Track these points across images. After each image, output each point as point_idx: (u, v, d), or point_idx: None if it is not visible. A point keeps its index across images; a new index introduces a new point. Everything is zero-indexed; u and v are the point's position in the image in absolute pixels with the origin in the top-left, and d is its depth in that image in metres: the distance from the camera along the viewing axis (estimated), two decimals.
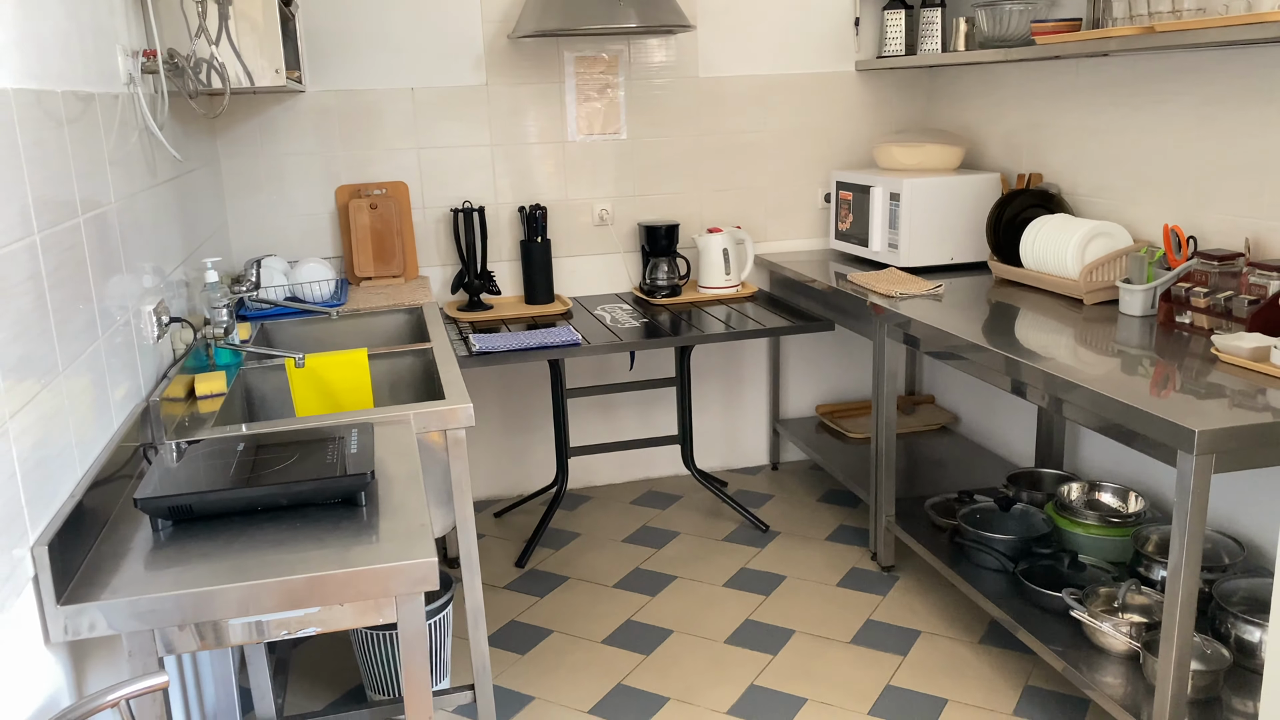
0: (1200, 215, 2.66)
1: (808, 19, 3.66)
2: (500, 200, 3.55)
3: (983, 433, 3.69)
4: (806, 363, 3.98)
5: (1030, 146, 3.31)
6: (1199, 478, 1.84)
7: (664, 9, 3.23)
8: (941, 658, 2.66)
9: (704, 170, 3.70)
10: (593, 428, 3.83)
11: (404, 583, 1.40)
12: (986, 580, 2.66)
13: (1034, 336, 2.47)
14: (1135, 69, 2.84)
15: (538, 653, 2.77)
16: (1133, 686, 2.20)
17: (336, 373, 2.45)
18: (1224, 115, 2.56)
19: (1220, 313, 2.40)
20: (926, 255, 3.27)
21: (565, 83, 3.53)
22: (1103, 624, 2.26)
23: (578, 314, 3.41)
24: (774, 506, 3.65)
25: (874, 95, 3.77)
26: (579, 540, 3.44)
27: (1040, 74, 3.23)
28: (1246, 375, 2.10)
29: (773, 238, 3.81)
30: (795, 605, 2.96)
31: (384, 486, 1.65)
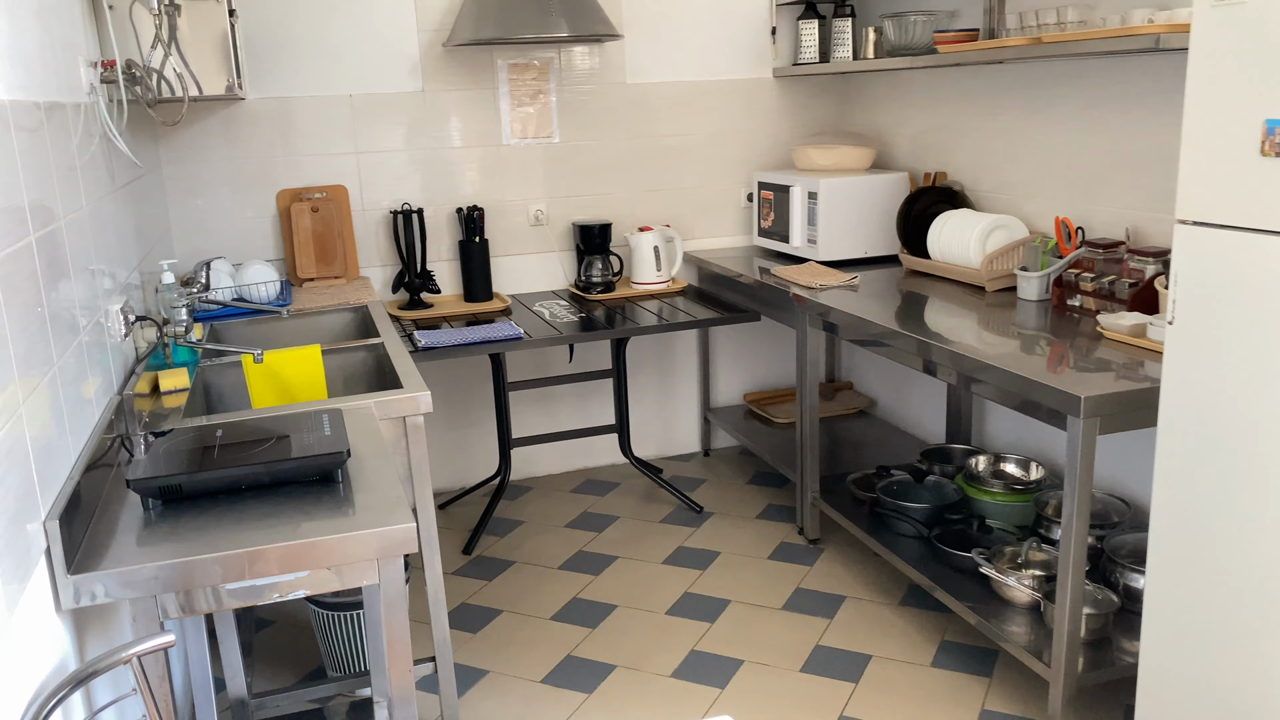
0: (1088, 208, 2.93)
1: (728, 28, 3.87)
2: (438, 202, 3.68)
3: (898, 414, 3.95)
4: (734, 354, 4.19)
5: (935, 147, 3.57)
6: (1086, 438, 2.08)
7: (593, 19, 3.40)
8: (865, 619, 2.88)
9: (634, 172, 3.88)
10: (533, 420, 3.98)
11: (386, 546, 1.55)
12: (904, 546, 2.89)
13: (942, 321, 2.70)
14: (1028, 75, 3.10)
15: (489, 631, 2.91)
16: (1035, 634, 2.44)
17: (292, 368, 2.56)
18: (1107, 117, 2.83)
19: (1105, 295, 2.67)
20: (843, 249, 3.50)
21: (499, 89, 3.67)
22: (1008, 578, 2.50)
23: (517, 310, 3.55)
24: (707, 489, 3.85)
25: (791, 100, 4.00)
26: (523, 527, 3.59)
27: (943, 80, 3.49)
28: (1127, 350, 2.35)
29: (700, 235, 4.01)
30: (730, 578, 3.15)
31: (355, 466, 1.79)
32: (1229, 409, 1.80)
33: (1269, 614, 1.78)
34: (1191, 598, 1.94)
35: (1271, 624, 1.78)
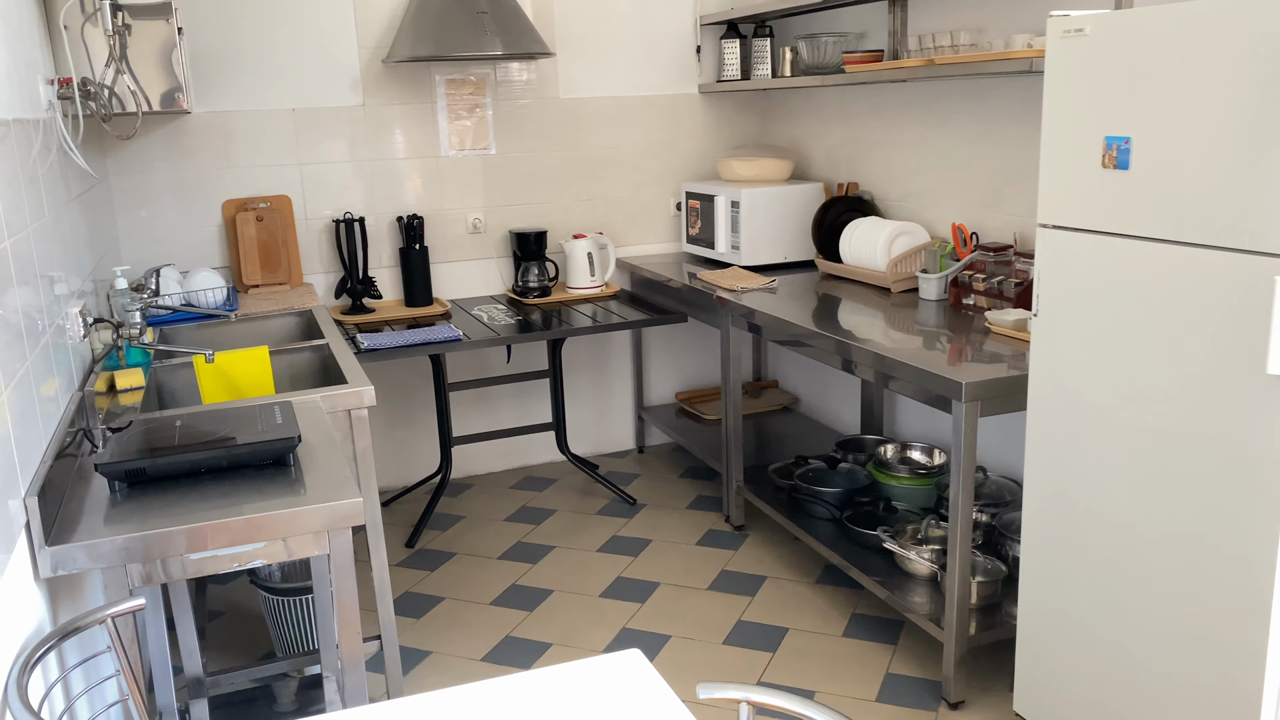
0: (981, 215, 3.20)
1: (655, 47, 4.09)
2: (380, 211, 3.84)
3: (819, 409, 4.19)
4: (666, 355, 4.40)
5: (847, 159, 3.82)
6: (968, 420, 2.32)
7: (527, 38, 3.60)
8: (784, 596, 3.10)
9: (568, 182, 4.08)
10: (472, 420, 4.15)
11: (335, 519, 1.72)
12: (819, 528, 3.12)
13: (852, 320, 2.94)
14: (928, 93, 3.37)
15: (432, 616, 3.08)
16: (933, 602, 2.68)
17: (241, 367, 2.71)
18: (997, 132, 3.10)
19: (996, 294, 2.93)
20: (763, 255, 3.74)
21: (437, 103, 3.85)
22: (909, 552, 2.74)
23: (456, 314, 3.73)
24: (640, 483, 4.05)
25: (715, 114, 4.24)
26: (464, 522, 3.76)
27: (854, 97, 3.75)
28: (1012, 342, 2.61)
29: (632, 242, 4.22)
30: (660, 563, 3.36)
31: (305, 452, 1.96)
32: (1084, 389, 2.06)
33: (1125, 575, 2.03)
34: (1059, 562, 2.19)
35: (1127, 584, 2.03)
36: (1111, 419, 2.00)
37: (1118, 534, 2.02)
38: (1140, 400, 1.92)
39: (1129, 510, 1.99)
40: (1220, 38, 1.68)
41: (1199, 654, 1.87)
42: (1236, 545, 1.77)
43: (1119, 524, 2.02)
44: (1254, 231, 1.66)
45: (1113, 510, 2.03)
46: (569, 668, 1.40)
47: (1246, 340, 1.69)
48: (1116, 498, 2.01)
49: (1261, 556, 1.73)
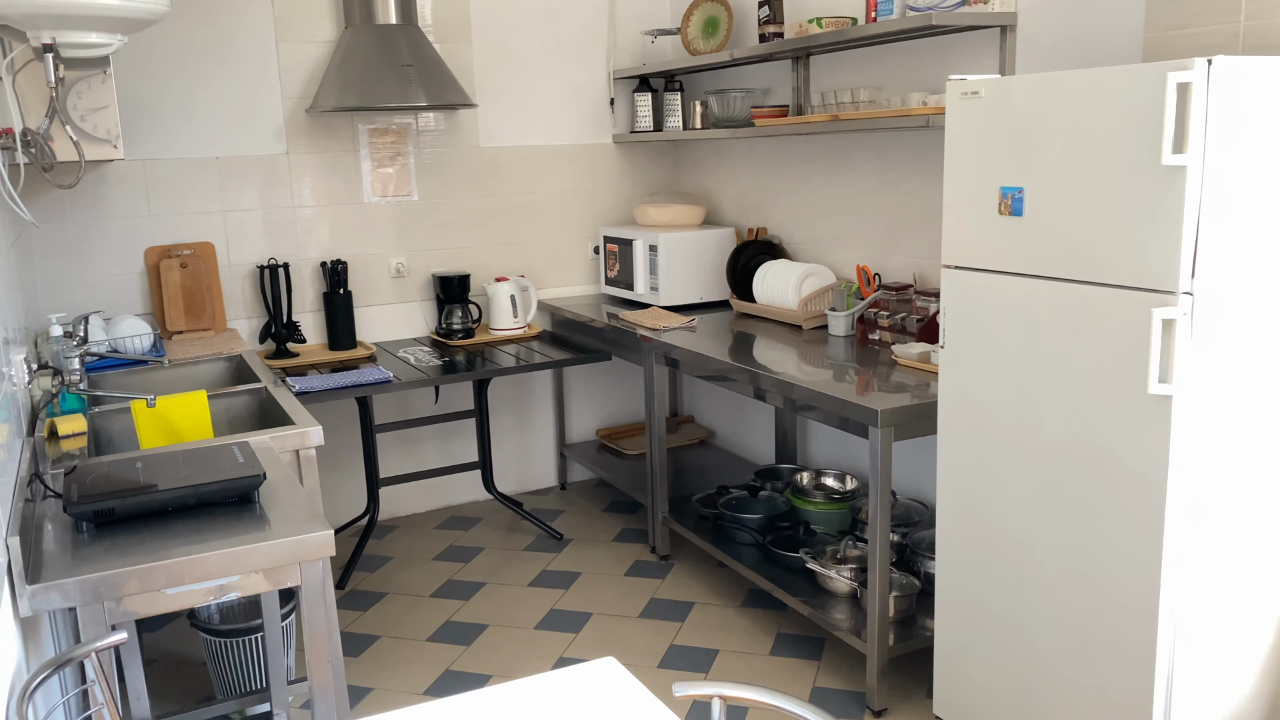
0: (883, 257, 3.45)
1: (571, 99, 4.27)
2: (304, 256, 3.89)
3: (734, 441, 4.38)
4: (586, 393, 4.54)
5: (756, 206, 4.06)
6: (884, 444, 2.53)
7: (450, 90, 3.73)
8: (712, 621, 3.25)
9: (490, 227, 4.20)
10: (397, 461, 4.20)
11: (308, 550, 1.80)
12: (743, 554, 3.28)
13: (768, 355, 3.14)
14: (831, 145, 3.63)
15: (370, 655, 3.12)
16: (854, 618, 2.87)
17: (179, 411, 2.73)
18: (896, 181, 3.37)
19: (899, 329, 3.17)
20: (681, 295, 3.93)
21: (360, 151, 3.94)
22: (830, 571, 2.93)
23: (382, 357, 3.79)
24: (566, 519, 4.16)
25: (630, 163, 4.43)
26: (393, 562, 3.80)
27: (761, 147, 3.99)
28: (917, 373, 2.84)
29: (552, 285, 4.36)
30: (591, 594, 3.47)
31: (267, 489, 2.02)
32: (988, 413, 2.28)
33: (1030, 583, 2.25)
34: (971, 574, 2.40)
35: (1032, 591, 2.25)
36: (1013, 439, 2.22)
37: (1023, 546, 2.24)
38: (1038, 421, 2.15)
39: (1032, 523, 2.21)
40: (1093, 102, 1.93)
41: (1096, 654, 2.09)
42: (1125, 551, 2.00)
43: (1023, 536, 2.23)
44: (1132, 270, 1.91)
45: (1017, 524, 2.25)
46: (548, 677, 1.51)
47: (1129, 364, 1.93)
48: (1020, 512, 2.23)
49: (1148, 560, 1.96)
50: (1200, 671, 2.02)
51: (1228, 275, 1.86)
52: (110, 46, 2.47)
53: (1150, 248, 1.87)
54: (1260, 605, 2.06)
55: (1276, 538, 2.05)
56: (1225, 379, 1.90)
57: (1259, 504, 2.01)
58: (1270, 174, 1.86)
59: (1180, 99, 1.78)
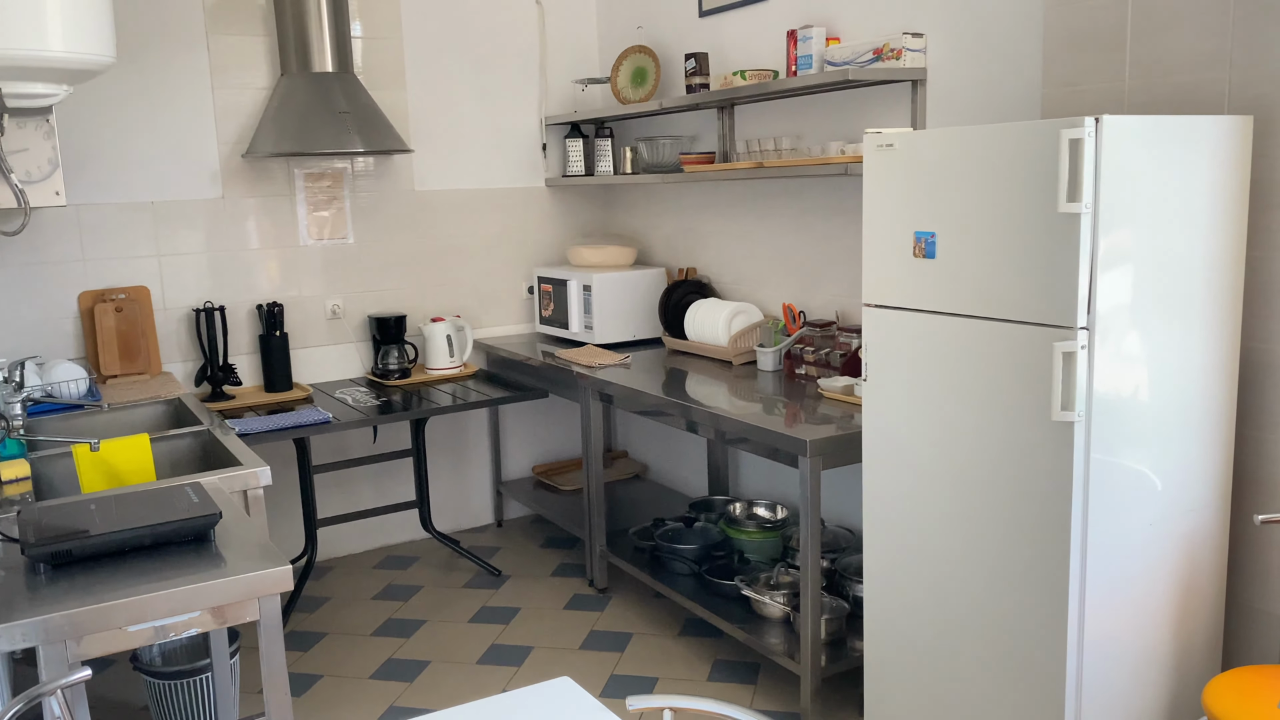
0: (807, 295, 3.62)
1: (504, 144, 4.39)
2: (239, 299, 3.92)
3: (668, 475, 4.50)
4: (522, 431, 4.62)
5: (686, 247, 4.22)
6: (813, 473, 2.67)
7: (386, 135, 3.82)
8: (651, 650, 3.34)
9: (425, 268, 4.28)
10: (333, 502, 4.21)
11: (266, 585, 1.85)
12: (680, 583, 3.39)
13: (700, 390, 3.27)
14: (757, 190, 3.81)
15: (313, 694, 3.13)
16: (788, 641, 2.99)
17: (121, 455, 2.75)
18: (818, 224, 3.55)
19: (824, 364, 3.33)
20: (614, 333, 4.05)
21: (296, 195, 3.99)
22: (764, 596, 3.05)
23: (319, 398, 3.83)
24: (504, 555, 4.22)
25: (563, 205, 4.56)
26: (331, 602, 3.81)
27: (690, 192, 4.16)
28: (842, 405, 3.00)
29: (488, 324, 4.45)
30: (531, 628, 3.53)
31: (221, 528, 2.07)
32: (908, 441, 2.44)
33: (951, 601, 2.40)
34: (897, 595, 2.55)
35: (953, 609, 2.40)
36: (932, 466, 2.38)
37: (942, 567, 2.39)
38: (954, 448, 2.31)
39: (950, 545, 2.36)
40: (996, 154, 2.12)
41: (1011, 668, 2.25)
42: (1035, 569, 2.16)
43: (943, 558, 2.39)
44: (1035, 307, 2.09)
45: (937, 546, 2.40)
46: (507, 696, 1.60)
47: (1034, 394, 2.11)
48: (940, 535, 2.39)
49: (1055, 578, 2.12)
50: (1106, 683, 2.18)
51: (1119, 310, 2.05)
52: (56, 97, 2.52)
53: (1050, 287, 2.05)
54: (1156, 618, 2.24)
55: (1166, 553, 2.23)
56: (1118, 404, 2.09)
57: (1147, 519, 2.19)
58: (1152, 218, 2.07)
59: (1073, 153, 1.98)
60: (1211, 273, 2.18)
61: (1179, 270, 2.13)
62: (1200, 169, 2.12)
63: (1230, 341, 2.24)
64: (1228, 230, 2.19)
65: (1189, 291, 2.15)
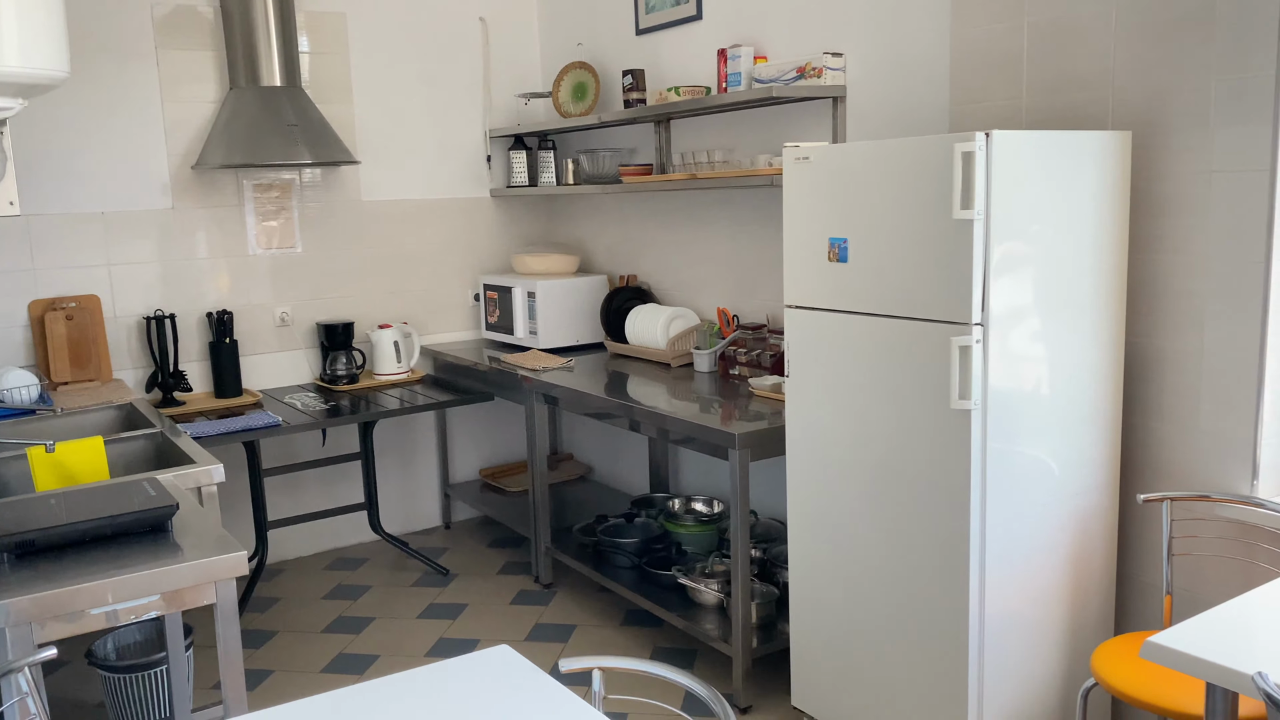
0: (741, 299, 3.81)
1: (449, 155, 4.53)
2: (189, 307, 4.00)
3: (612, 476, 4.65)
4: (469, 434, 4.74)
5: (626, 254, 4.38)
6: (741, 465, 2.84)
7: (333, 148, 3.94)
8: (594, 640, 3.49)
9: (372, 276, 4.40)
10: (283, 504, 4.30)
11: (223, 569, 1.97)
12: (622, 576, 3.54)
13: (640, 390, 3.43)
14: (692, 200, 3.98)
15: (264, 688, 3.23)
16: (722, 627, 3.15)
17: (76, 457, 2.83)
18: (749, 232, 3.74)
19: (756, 364, 3.51)
20: (558, 338, 4.20)
21: (245, 205, 4.09)
22: (699, 584, 3.22)
23: (268, 404, 3.92)
24: (451, 555, 4.33)
25: (507, 215, 4.71)
26: (281, 603, 3.90)
27: (629, 202, 4.33)
28: (771, 402, 3.17)
29: (435, 331, 4.57)
30: (478, 622, 3.66)
31: (177, 520, 2.18)
32: (826, 433, 2.62)
33: (866, 583, 2.58)
34: (818, 580, 2.72)
35: (868, 590, 2.58)
36: (848, 455, 2.56)
37: (859, 551, 2.58)
38: (867, 438, 2.50)
39: (865, 530, 2.54)
40: (899, 166, 2.31)
41: (921, 643, 2.43)
42: (939, 551, 2.35)
43: (859, 542, 2.57)
44: (935, 306, 2.28)
45: (853, 531, 2.58)
46: (447, 665, 1.74)
47: (935, 385, 2.30)
48: (856, 520, 2.57)
49: (957, 558, 2.31)
50: (1006, 652, 2.37)
51: (1011, 308, 2.25)
52: (10, 110, 2.62)
53: (948, 287, 2.24)
54: (1052, 591, 2.44)
55: (1060, 531, 2.43)
56: (1012, 394, 2.29)
57: (1042, 500, 2.39)
58: (1041, 224, 2.27)
59: (965, 165, 2.17)
60: (1097, 274, 2.39)
61: (1067, 271, 2.33)
62: (1085, 179, 2.34)
63: (1115, 337, 2.45)
64: (1111, 235, 2.40)
65: (1077, 291, 2.36)
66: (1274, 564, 2.33)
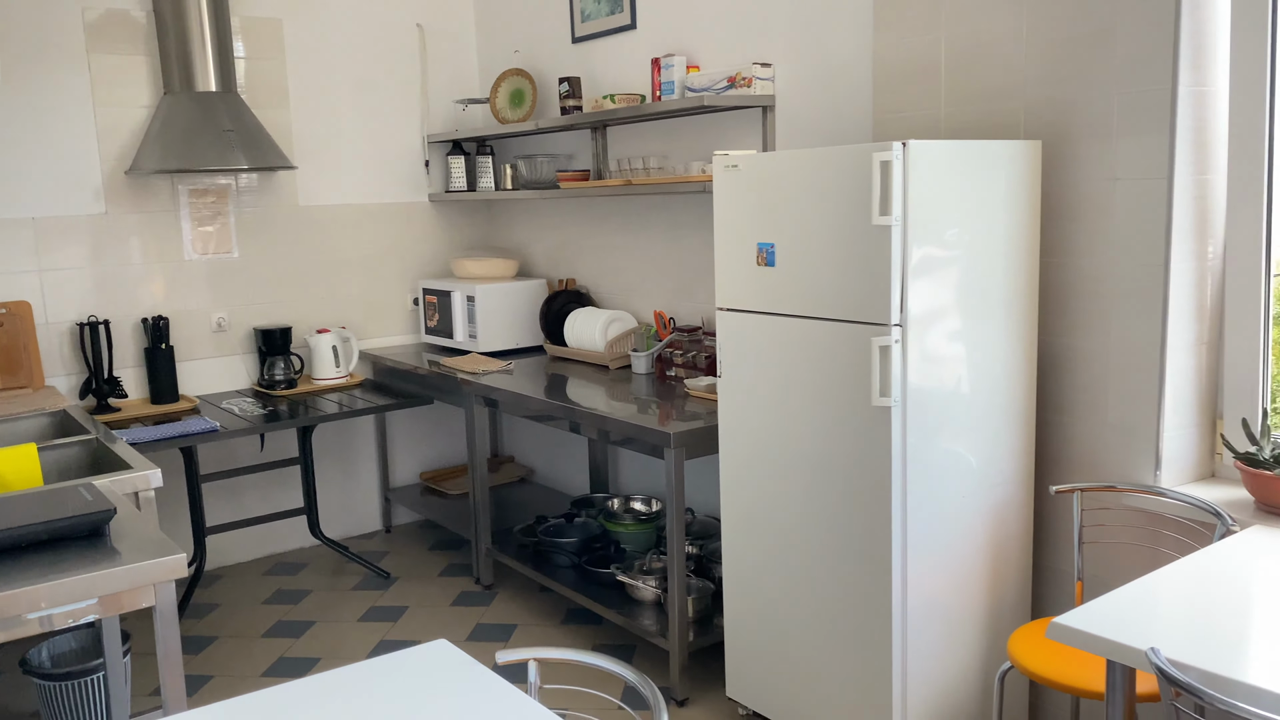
0: (677, 302, 3.89)
1: (387, 161, 4.55)
2: (124, 313, 3.97)
3: (552, 478, 4.71)
4: (409, 438, 4.76)
5: (565, 259, 4.44)
6: (676, 462, 2.92)
7: (269, 153, 3.94)
8: (534, 638, 3.54)
9: (311, 281, 4.40)
10: (222, 510, 4.28)
11: (162, 572, 1.99)
12: (562, 575, 3.60)
13: (579, 392, 3.49)
14: (629, 205, 4.06)
15: (204, 693, 3.23)
16: (660, 622, 3.23)
17: (8, 464, 2.81)
18: (684, 237, 3.82)
19: (691, 366, 3.60)
20: (498, 342, 4.25)
21: (180, 210, 4.07)
22: (637, 581, 3.29)
23: (205, 409, 3.91)
24: (392, 559, 4.35)
25: (446, 220, 4.74)
26: (221, 609, 3.89)
27: (567, 206, 4.39)
28: (706, 402, 3.26)
29: (374, 335, 4.59)
30: (419, 624, 3.69)
31: (114, 524, 2.19)
32: (756, 430, 2.71)
33: (797, 574, 2.67)
34: (750, 574, 2.81)
35: (798, 581, 2.67)
36: (776, 452, 2.66)
37: (788, 545, 2.67)
38: (794, 435, 2.59)
39: (793, 521, 2.64)
40: (822, 174, 2.41)
41: (847, 633, 2.53)
42: (863, 543, 2.45)
43: (788, 537, 2.66)
44: (857, 307, 2.38)
45: (782, 525, 2.67)
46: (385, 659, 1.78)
47: (858, 384, 2.40)
48: (785, 515, 2.66)
49: (880, 550, 2.41)
50: (928, 639, 2.48)
51: (929, 309, 2.36)
52: None
53: (869, 289, 2.35)
54: (971, 579, 2.56)
55: (978, 522, 2.55)
56: (930, 391, 2.40)
57: (961, 493, 2.51)
58: (957, 228, 2.38)
59: (884, 173, 2.28)
60: (1011, 276, 2.51)
61: (982, 274, 2.45)
62: (999, 186, 2.46)
63: (1028, 336, 2.58)
64: (1024, 239, 2.53)
65: (992, 293, 2.48)
66: (1175, 549, 2.47)
